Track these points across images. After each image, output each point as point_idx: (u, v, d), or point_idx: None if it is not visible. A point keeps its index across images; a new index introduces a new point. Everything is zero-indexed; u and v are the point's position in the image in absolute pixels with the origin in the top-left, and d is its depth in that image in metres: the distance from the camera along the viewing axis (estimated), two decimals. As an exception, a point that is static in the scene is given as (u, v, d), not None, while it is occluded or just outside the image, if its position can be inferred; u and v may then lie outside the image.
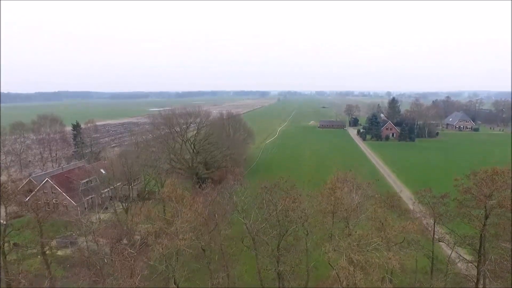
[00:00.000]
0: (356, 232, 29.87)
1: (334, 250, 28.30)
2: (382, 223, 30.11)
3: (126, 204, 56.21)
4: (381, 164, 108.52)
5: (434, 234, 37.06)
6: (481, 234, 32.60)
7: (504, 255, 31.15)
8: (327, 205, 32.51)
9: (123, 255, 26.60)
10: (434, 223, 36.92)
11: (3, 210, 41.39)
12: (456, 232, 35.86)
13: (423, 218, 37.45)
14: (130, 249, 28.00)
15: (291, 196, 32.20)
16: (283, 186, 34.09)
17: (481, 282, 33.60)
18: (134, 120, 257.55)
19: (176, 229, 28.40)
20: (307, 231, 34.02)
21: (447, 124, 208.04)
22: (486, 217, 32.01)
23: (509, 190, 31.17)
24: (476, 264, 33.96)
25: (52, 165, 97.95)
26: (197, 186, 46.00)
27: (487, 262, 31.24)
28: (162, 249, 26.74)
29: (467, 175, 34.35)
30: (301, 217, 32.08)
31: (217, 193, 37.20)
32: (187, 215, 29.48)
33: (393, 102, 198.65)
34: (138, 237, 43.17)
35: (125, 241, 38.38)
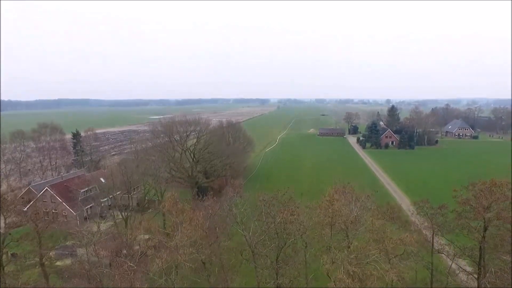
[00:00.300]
0: (352, 244, 29.90)
1: (333, 262, 28.31)
2: (381, 235, 30.14)
3: (126, 214, 56.08)
4: (381, 172, 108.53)
5: (433, 245, 37.04)
6: (480, 246, 32.54)
7: (504, 267, 30.99)
8: (325, 217, 32.53)
9: (122, 268, 26.54)
10: (433, 234, 36.88)
11: (2, 221, 41.38)
12: (455, 243, 35.79)
13: (422, 230, 37.41)
14: (130, 262, 27.93)
15: (289, 209, 32.23)
16: (281, 199, 34.13)
17: (482, 294, 33.43)
18: (134, 128, 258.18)
19: (176, 244, 28.36)
20: (305, 243, 34.00)
21: (447, 132, 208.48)
22: (485, 229, 32.01)
23: (508, 202, 31.14)
24: (476, 276, 33.85)
25: (52, 174, 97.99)
26: (197, 197, 45.86)
27: (487, 275, 31.11)
28: (162, 263, 26.70)
29: (465, 186, 34.39)
30: (299, 229, 32.06)
31: (218, 206, 37.12)
32: (187, 230, 29.43)
33: (393, 110, 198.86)
34: (138, 247, 42.98)
35: (124, 251, 38.23)
